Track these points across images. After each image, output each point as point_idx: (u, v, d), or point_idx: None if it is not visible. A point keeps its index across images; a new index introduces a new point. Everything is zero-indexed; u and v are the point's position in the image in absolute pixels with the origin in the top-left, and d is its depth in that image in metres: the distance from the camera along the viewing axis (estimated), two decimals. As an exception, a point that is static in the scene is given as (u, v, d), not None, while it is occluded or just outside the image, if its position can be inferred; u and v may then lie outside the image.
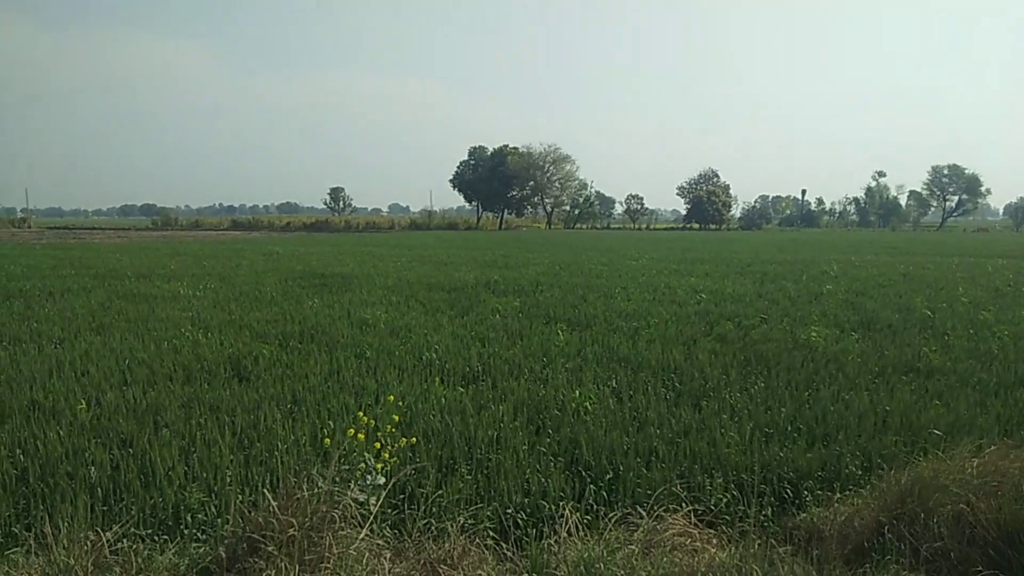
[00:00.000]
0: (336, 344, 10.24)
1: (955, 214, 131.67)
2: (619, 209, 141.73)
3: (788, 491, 5.40)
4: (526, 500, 5.12)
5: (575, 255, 32.89)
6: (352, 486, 4.48)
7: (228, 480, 5.29)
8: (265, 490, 4.07)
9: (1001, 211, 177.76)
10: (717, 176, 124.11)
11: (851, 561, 4.13)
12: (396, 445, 5.07)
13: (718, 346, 10.31)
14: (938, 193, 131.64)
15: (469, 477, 5.46)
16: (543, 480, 5.34)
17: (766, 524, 4.87)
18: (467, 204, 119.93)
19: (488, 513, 4.89)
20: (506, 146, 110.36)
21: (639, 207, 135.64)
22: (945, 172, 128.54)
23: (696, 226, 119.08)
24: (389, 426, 5.17)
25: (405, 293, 16.52)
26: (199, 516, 4.86)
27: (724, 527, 4.69)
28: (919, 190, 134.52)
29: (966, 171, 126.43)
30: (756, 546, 4.04)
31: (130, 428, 6.48)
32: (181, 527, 4.74)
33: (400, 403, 6.94)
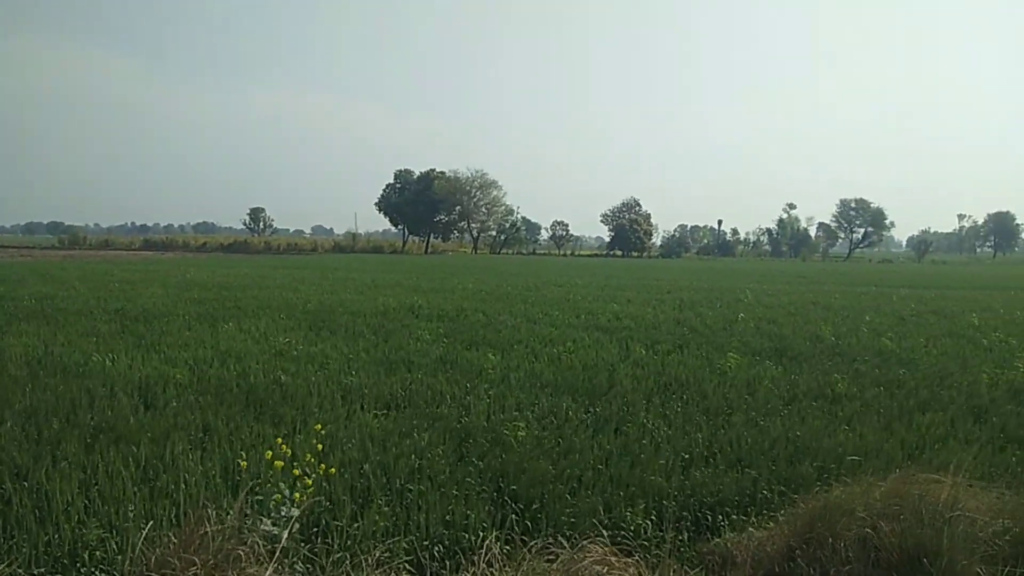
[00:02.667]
0: (251, 371, 9.89)
1: (861, 245, 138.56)
2: (545, 235, 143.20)
3: (707, 516, 5.49)
4: (447, 531, 5.03)
5: (501, 280, 33.00)
6: (264, 520, 4.31)
7: (130, 515, 5.00)
8: (166, 527, 3.86)
9: (904, 243, 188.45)
10: (639, 205, 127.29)
11: (764, 585, 4.22)
12: (315, 474, 4.92)
13: (639, 371, 10.47)
14: (846, 225, 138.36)
15: (387, 508, 5.33)
16: (465, 510, 5.26)
17: (683, 550, 4.93)
18: (393, 227, 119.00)
19: (404, 545, 4.77)
20: (432, 170, 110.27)
21: (564, 233, 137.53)
22: (852, 205, 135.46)
23: (619, 253, 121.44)
24: (309, 455, 5.01)
25: (326, 317, 16.16)
26: (97, 554, 4.56)
27: (643, 554, 4.71)
28: (828, 222, 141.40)
29: (872, 205, 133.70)
30: (671, 573, 4.08)
31: (25, 460, 6.05)
32: (78, 565, 4.45)
33: (321, 431, 6.73)
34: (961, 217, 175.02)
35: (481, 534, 4.89)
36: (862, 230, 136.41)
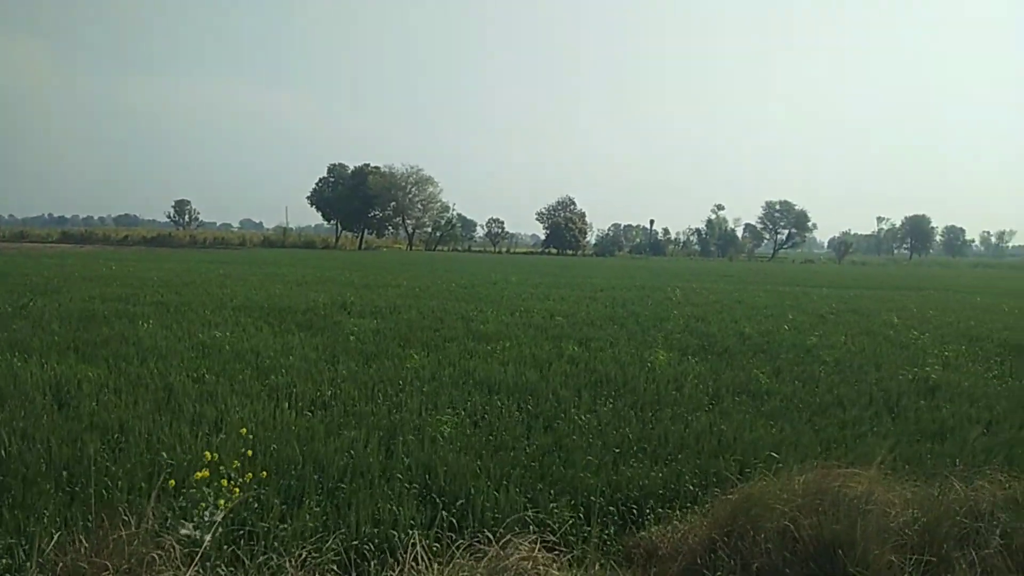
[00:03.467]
0: (173, 368, 9.57)
1: (785, 246, 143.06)
2: (480, 232, 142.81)
3: (632, 510, 5.60)
4: (376, 530, 4.98)
5: (435, 277, 32.82)
6: (184, 523, 4.19)
7: (44, 520, 4.76)
8: (81, 531, 3.68)
9: (826, 244, 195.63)
10: (574, 203, 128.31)
11: (686, 577, 4.33)
12: (239, 476, 4.80)
13: (571, 368, 10.58)
14: (770, 226, 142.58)
15: (317, 508, 5.24)
16: (393, 508, 5.22)
17: (609, 544, 5.01)
18: (325, 222, 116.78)
19: (333, 545, 4.70)
20: (367, 165, 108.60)
21: (500, 231, 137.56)
22: (777, 207, 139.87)
23: (554, 251, 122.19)
24: (223, 454, 4.89)
25: (254, 314, 15.76)
26: (4, 561, 4.34)
27: (570, 549, 4.77)
28: (754, 223, 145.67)
29: (795, 207, 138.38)
30: (597, 567, 4.14)
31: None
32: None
33: (243, 430, 6.56)
34: (880, 220, 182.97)
35: (410, 532, 4.86)
36: (786, 231, 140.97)
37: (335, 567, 4.46)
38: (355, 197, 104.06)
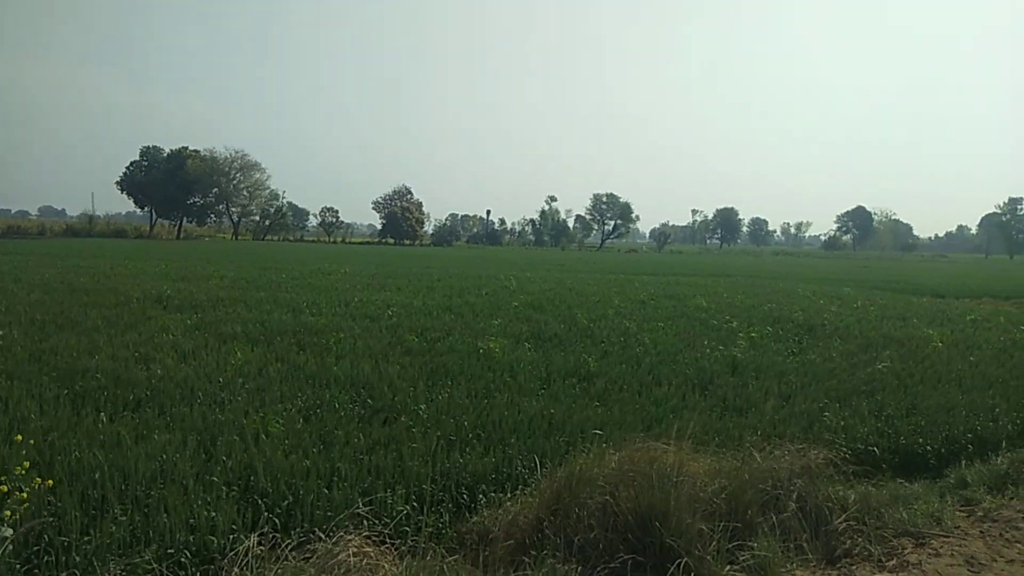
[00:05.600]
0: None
1: (612, 236, 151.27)
2: (314, 221, 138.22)
3: (465, 496, 5.65)
4: (191, 537, 4.67)
5: (263, 268, 31.31)
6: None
7: None
8: None
9: (648, 235, 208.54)
10: (411, 193, 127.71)
11: (515, 558, 4.44)
12: (32, 488, 4.35)
13: (407, 359, 10.49)
14: (598, 217, 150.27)
15: (124, 518, 4.82)
16: (212, 513, 4.91)
17: (444, 531, 5.02)
18: (138, 210, 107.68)
19: (148, 555, 4.37)
20: (185, 148, 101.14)
21: (335, 220, 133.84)
22: (604, 200, 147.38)
23: (391, 241, 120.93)
24: (19, 468, 4.41)
25: (53, 310, 14.21)
26: None
27: (404, 540, 4.73)
28: (583, 214, 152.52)
29: (620, 199, 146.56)
30: (429, 557, 4.13)
31: None
32: None
33: (40, 439, 5.92)
34: (694, 212, 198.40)
35: (232, 537, 4.62)
36: (612, 222, 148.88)
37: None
38: (171, 183, 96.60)
